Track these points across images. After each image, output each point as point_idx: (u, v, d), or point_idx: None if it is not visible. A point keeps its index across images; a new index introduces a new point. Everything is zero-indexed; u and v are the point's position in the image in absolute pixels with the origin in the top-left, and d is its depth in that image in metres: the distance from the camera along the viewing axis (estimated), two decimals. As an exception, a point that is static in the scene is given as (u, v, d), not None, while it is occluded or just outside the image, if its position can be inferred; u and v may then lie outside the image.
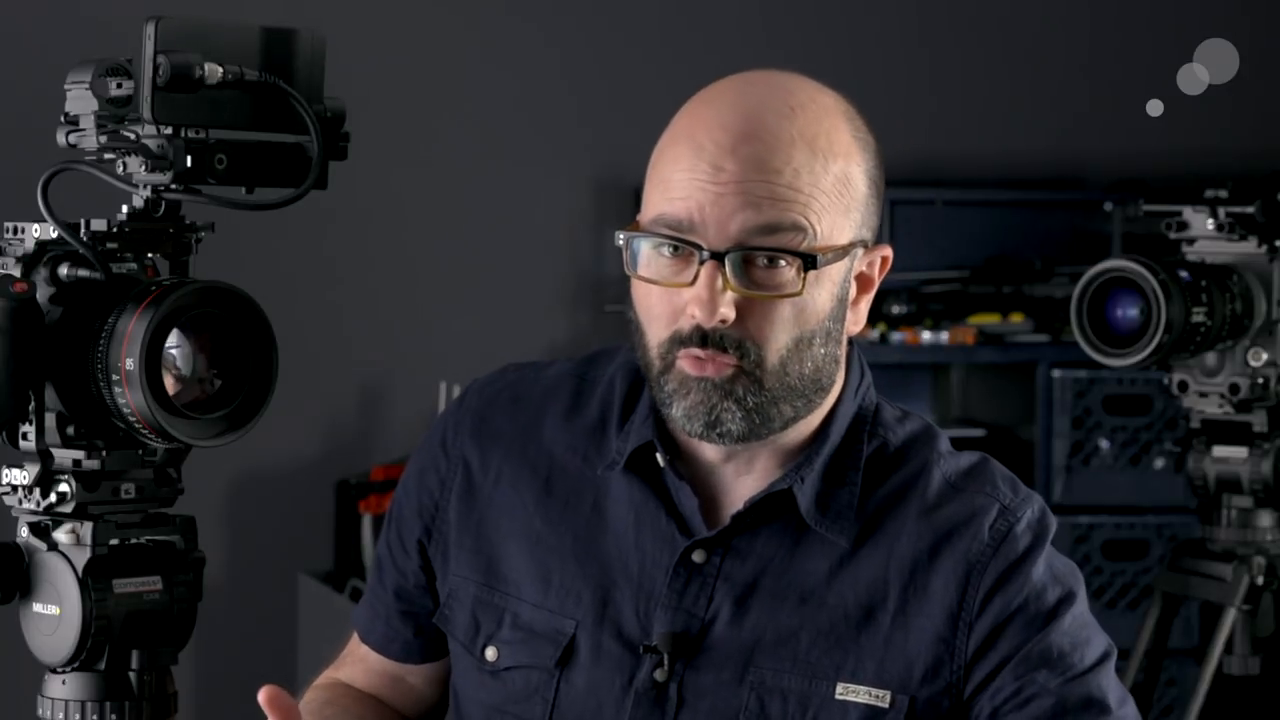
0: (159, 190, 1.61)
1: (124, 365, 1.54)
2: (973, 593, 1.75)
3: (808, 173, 1.72)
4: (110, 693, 1.63)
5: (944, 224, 4.65)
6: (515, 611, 1.83)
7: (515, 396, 1.89)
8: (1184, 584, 3.36)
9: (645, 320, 1.75)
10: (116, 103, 1.60)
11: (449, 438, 1.89)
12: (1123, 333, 3.16)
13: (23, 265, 1.60)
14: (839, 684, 1.74)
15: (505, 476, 1.86)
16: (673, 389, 1.73)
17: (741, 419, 1.72)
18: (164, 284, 1.58)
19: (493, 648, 1.83)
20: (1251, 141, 4.79)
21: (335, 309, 4.47)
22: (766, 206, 1.69)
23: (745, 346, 1.70)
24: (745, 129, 1.71)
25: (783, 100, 1.75)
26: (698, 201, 1.69)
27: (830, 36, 4.70)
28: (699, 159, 1.70)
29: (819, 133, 1.75)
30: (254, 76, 1.60)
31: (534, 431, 1.87)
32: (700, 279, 1.69)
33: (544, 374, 1.91)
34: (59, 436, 1.61)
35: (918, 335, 4.43)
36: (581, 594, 1.80)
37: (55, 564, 1.62)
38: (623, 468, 1.81)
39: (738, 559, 1.78)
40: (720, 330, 1.69)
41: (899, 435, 1.84)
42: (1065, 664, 1.74)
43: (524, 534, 1.84)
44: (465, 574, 1.86)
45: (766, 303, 1.70)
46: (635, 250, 1.74)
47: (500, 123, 4.57)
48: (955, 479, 1.80)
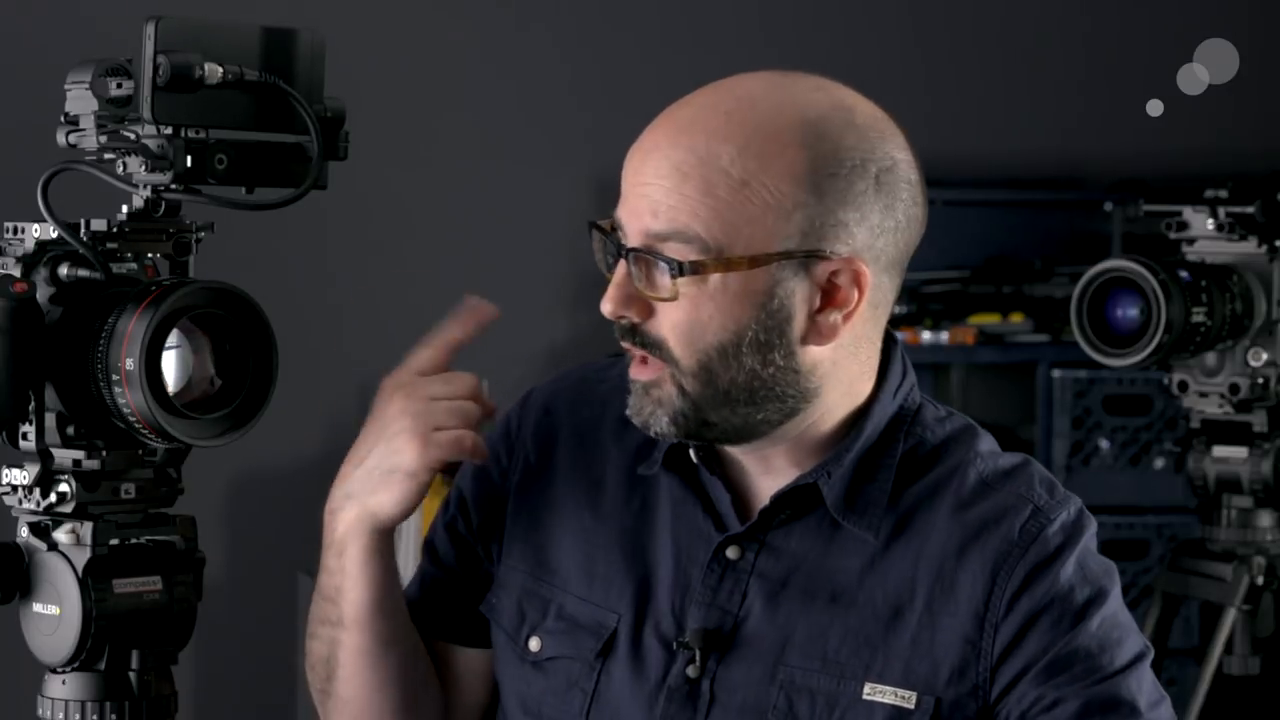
0: (159, 190, 1.61)
1: (124, 365, 1.54)
2: (999, 593, 1.73)
3: (716, 178, 1.70)
4: (110, 693, 1.63)
5: (944, 224, 4.62)
6: (561, 603, 1.84)
7: (579, 395, 1.91)
8: (1184, 584, 3.36)
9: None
10: (116, 103, 1.60)
11: (513, 430, 1.91)
12: (1123, 333, 3.16)
13: (23, 265, 1.60)
14: (866, 684, 1.73)
15: (560, 472, 1.88)
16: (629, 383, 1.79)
17: (668, 422, 1.74)
18: (164, 284, 1.58)
19: (536, 638, 1.84)
20: (1251, 141, 4.79)
21: (335, 309, 4.47)
22: (661, 212, 1.70)
23: (663, 347, 1.73)
24: (671, 133, 1.73)
25: (725, 103, 1.73)
26: (624, 200, 1.74)
27: (830, 36, 4.70)
28: (631, 158, 1.75)
29: (749, 139, 1.70)
30: (254, 76, 1.60)
31: (593, 431, 1.89)
32: (615, 272, 1.74)
33: (608, 374, 1.92)
34: (59, 436, 1.61)
35: (918, 335, 4.43)
36: (624, 589, 1.82)
37: (55, 564, 1.62)
38: (665, 467, 1.82)
39: (771, 555, 1.78)
40: (635, 326, 1.73)
41: (937, 434, 1.82)
42: (1093, 665, 1.72)
43: (575, 528, 1.86)
44: (515, 564, 1.87)
45: (664, 305, 1.72)
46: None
47: (500, 123, 4.57)
48: (991, 478, 1.79)
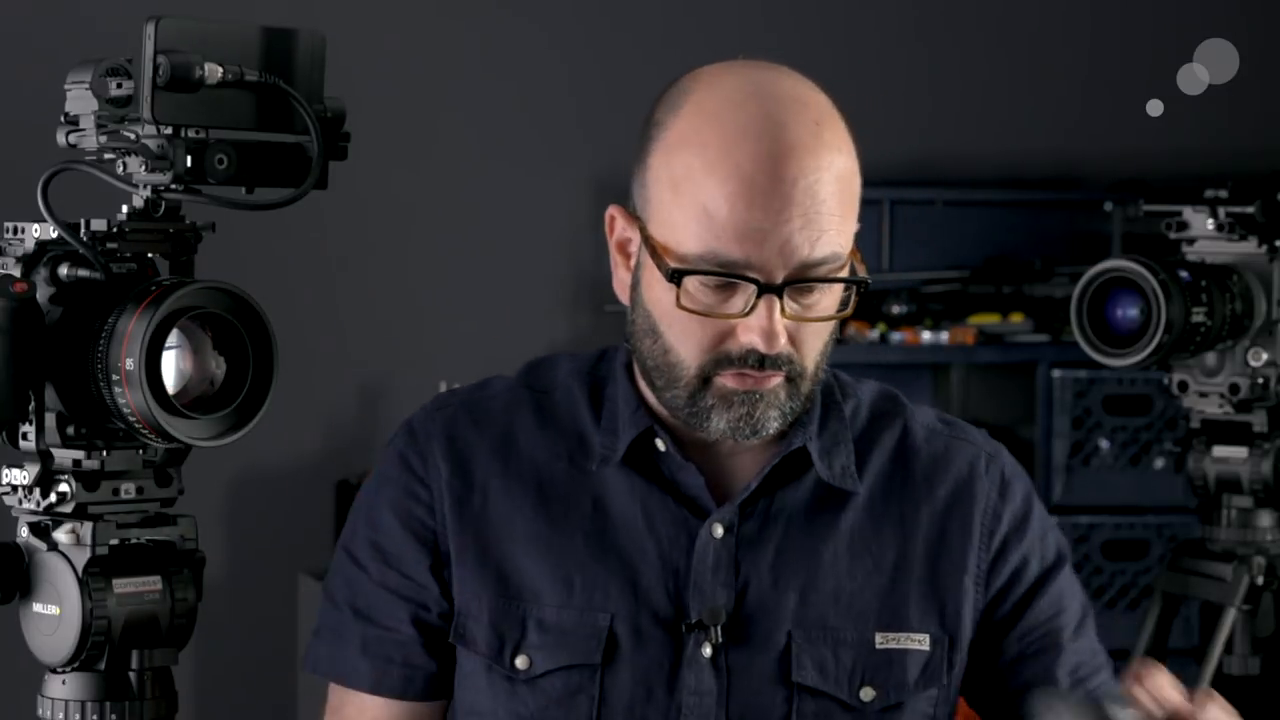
0: (159, 190, 1.61)
1: (124, 365, 1.54)
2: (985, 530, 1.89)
3: (843, 193, 1.78)
4: (110, 693, 1.63)
5: (944, 224, 4.65)
6: (539, 618, 1.83)
7: (474, 417, 1.91)
8: (1184, 584, 3.36)
9: (679, 343, 1.79)
10: (116, 103, 1.60)
11: (417, 466, 1.89)
12: (1123, 333, 3.16)
13: (23, 265, 1.60)
14: (877, 634, 1.84)
15: (494, 490, 1.87)
16: (713, 403, 1.79)
17: (779, 421, 1.80)
18: (164, 284, 1.58)
19: (523, 656, 1.83)
20: (1251, 141, 4.79)
21: (335, 309, 4.47)
22: (819, 240, 1.75)
23: (793, 361, 1.78)
24: (790, 158, 1.75)
25: (805, 115, 1.79)
26: (755, 239, 1.74)
27: (830, 36, 4.70)
28: (752, 194, 1.73)
29: (840, 143, 1.80)
30: (254, 76, 1.60)
31: (509, 444, 1.89)
32: (759, 310, 1.75)
33: (489, 392, 1.93)
34: (59, 436, 1.61)
35: (918, 335, 4.43)
36: (608, 588, 1.82)
37: (55, 564, 1.62)
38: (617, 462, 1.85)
39: (757, 527, 1.84)
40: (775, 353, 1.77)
41: (867, 394, 1.94)
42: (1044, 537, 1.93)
43: (531, 542, 1.85)
44: (474, 590, 1.85)
45: (814, 323, 1.78)
46: (680, 283, 1.76)
47: (500, 123, 4.57)
48: (934, 429, 1.95)
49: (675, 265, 1.76)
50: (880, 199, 4.59)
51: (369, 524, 1.89)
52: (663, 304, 1.79)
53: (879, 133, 4.85)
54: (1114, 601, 4.40)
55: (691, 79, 1.82)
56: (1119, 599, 4.40)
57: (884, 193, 4.59)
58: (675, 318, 1.78)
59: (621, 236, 1.85)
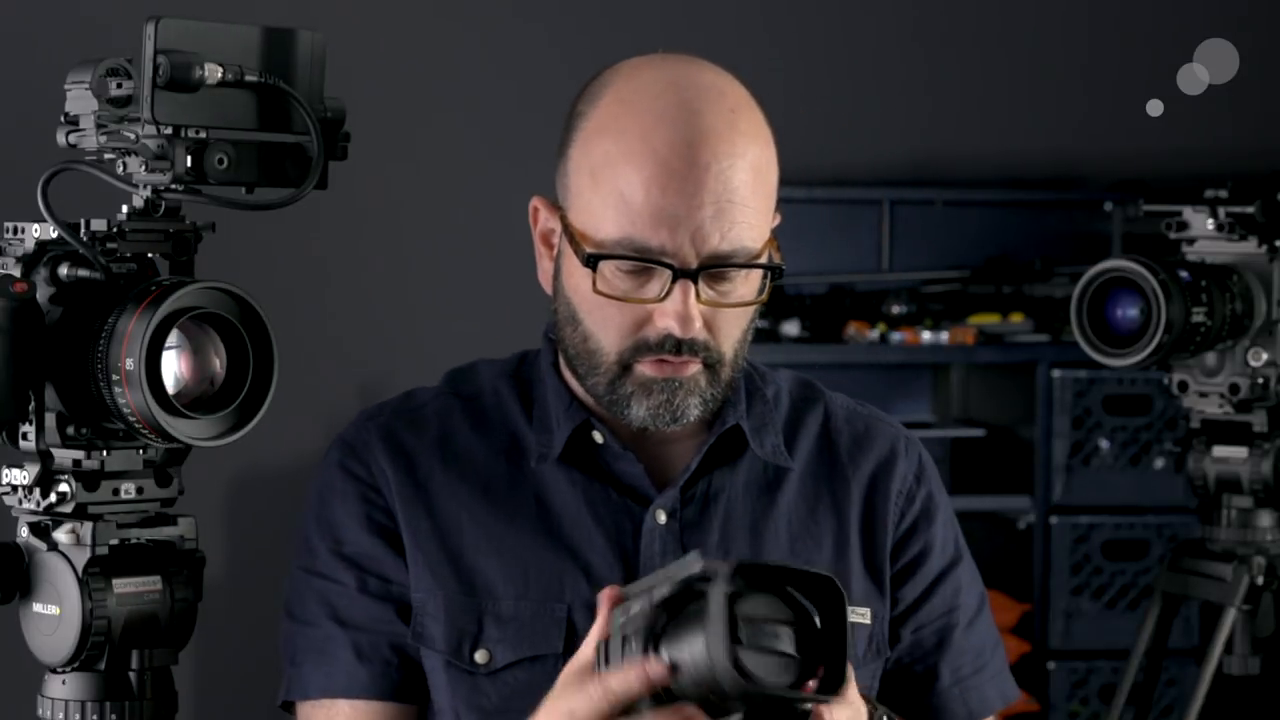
0: (159, 190, 1.61)
1: (124, 365, 1.54)
2: (903, 502, 1.95)
3: (758, 181, 1.81)
4: (110, 693, 1.63)
5: (944, 224, 4.64)
6: (496, 612, 1.85)
7: (410, 421, 1.93)
8: (1184, 584, 3.36)
9: (599, 330, 1.83)
10: (116, 103, 1.60)
11: (363, 473, 1.90)
12: (1123, 333, 3.16)
13: (23, 265, 1.60)
14: None
15: (439, 489, 1.89)
16: (631, 391, 1.83)
17: (700, 408, 1.84)
18: (164, 284, 1.58)
19: (483, 650, 1.85)
20: (1251, 141, 4.79)
21: (335, 309, 4.47)
22: (731, 230, 1.79)
23: (710, 348, 1.82)
24: (703, 145, 1.78)
25: (721, 104, 1.81)
26: (669, 224, 1.77)
27: (830, 36, 4.70)
28: (667, 180, 1.77)
29: (756, 132, 1.83)
30: (254, 76, 1.61)
31: (448, 446, 1.91)
32: (674, 295, 1.78)
33: (418, 401, 1.96)
34: (59, 436, 1.61)
35: (918, 335, 4.43)
36: (562, 578, 1.85)
37: (55, 564, 1.62)
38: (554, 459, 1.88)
39: (698, 510, 1.88)
40: (691, 338, 1.80)
41: (785, 381, 2.00)
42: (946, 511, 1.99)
43: (482, 539, 1.87)
44: (429, 588, 1.87)
45: (729, 309, 1.82)
46: (596, 267, 1.80)
47: (500, 123, 4.57)
48: (852, 411, 2.00)
49: (591, 250, 1.79)
50: (880, 199, 4.59)
51: (330, 541, 1.89)
52: (581, 290, 1.82)
53: (879, 133, 4.88)
54: (1114, 601, 4.40)
55: (612, 71, 1.86)
56: (1119, 599, 4.40)
57: (884, 193, 4.59)
58: (594, 304, 1.82)
59: (545, 227, 1.90)
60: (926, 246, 4.61)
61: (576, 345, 1.85)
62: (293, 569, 1.93)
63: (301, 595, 1.90)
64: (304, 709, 1.90)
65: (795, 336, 4.38)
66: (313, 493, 1.93)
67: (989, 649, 1.97)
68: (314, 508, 1.92)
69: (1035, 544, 4.39)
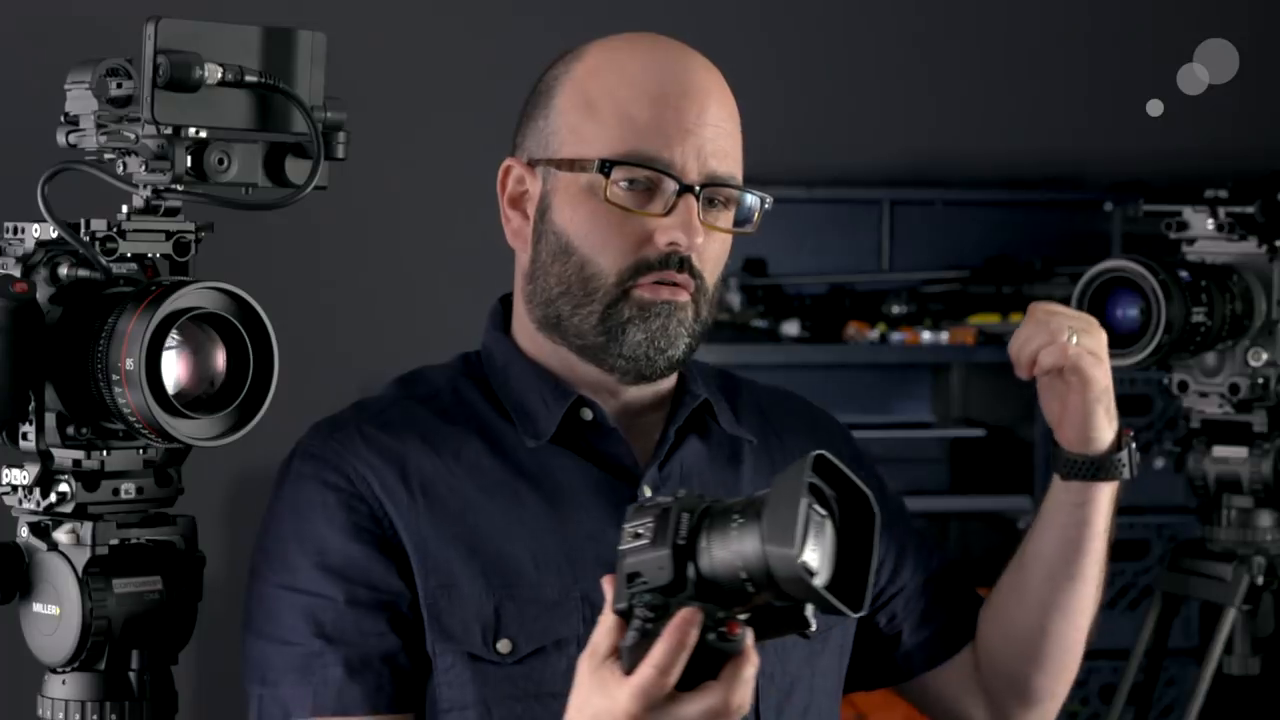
0: (159, 190, 1.61)
1: (124, 365, 1.54)
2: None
3: (738, 135, 1.91)
4: (110, 693, 1.63)
5: (944, 224, 4.64)
6: (515, 599, 1.84)
7: (382, 424, 1.91)
8: (1184, 584, 3.36)
9: (597, 253, 1.86)
10: (116, 103, 1.60)
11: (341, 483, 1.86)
12: (1123, 333, 3.16)
13: (23, 265, 1.60)
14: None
15: (432, 486, 1.87)
16: (629, 316, 1.86)
17: (685, 346, 1.89)
18: (164, 284, 1.58)
19: (505, 640, 1.83)
20: (1251, 141, 4.79)
21: (334, 309, 4.47)
22: (728, 157, 1.88)
23: (701, 277, 1.87)
24: (695, 78, 1.90)
25: (701, 58, 1.94)
26: (675, 140, 1.85)
27: (830, 36, 4.70)
28: (667, 100, 1.86)
29: (725, 86, 1.93)
30: (254, 76, 1.61)
31: (433, 442, 1.89)
32: (679, 208, 1.84)
33: (378, 407, 1.94)
34: (59, 436, 1.61)
35: (918, 335, 4.43)
36: (573, 560, 1.85)
37: (55, 564, 1.62)
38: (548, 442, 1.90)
39: (675, 484, 1.91)
40: (693, 258, 1.86)
41: (705, 367, 2.05)
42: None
43: (488, 528, 1.86)
44: (440, 584, 1.84)
45: (714, 237, 1.87)
46: (588, 181, 1.85)
47: (500, 123, 4.57)
48: (771, 387, 2.10)
49: (603, 158, 1.85)
50: (880, 199, 4.59)
51: (313, 554, 1.84)
52: (579, 217, 1.86)
53: (879, 133, 4.87)
54: (1114, 601, 4.40)
55: (581, 46, 2.00)
56: (1119, 599, 4.40)
57: (884, 193, 4.59)
58: (592, 226, 1.85)
59: (515, 190, 1.94)
60: (926, 246, 4.61)
61: (569, 278, 1.87)
62: (260, 587, 1.87)
63: (277, 613, 1.84)
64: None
65: (795, 336, 4.38)
66: (282, 510, 1.88)
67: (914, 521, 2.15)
68: (288, 523, 1.87)
69: (1035, 544, 4.38)
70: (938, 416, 4.69)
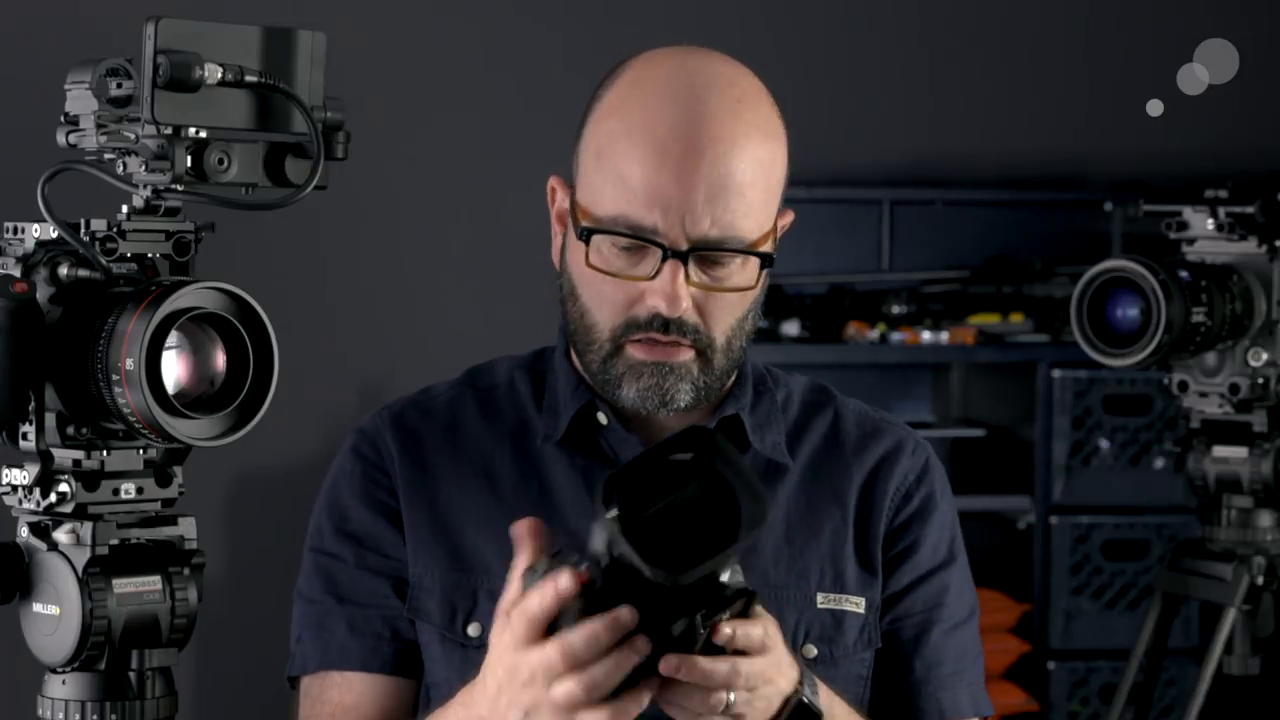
0: (159, 190, 1.61)
1: (124, 365, 1.54)
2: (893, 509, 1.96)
3: (759, 169, 1.84)
4: (110, 693, 1.63)
5: (944, 224, 4.64)
6: (490, 588, 1.88)
7: (423, 412, 1.99)
8: (1184, 584, 3.36)
9: (594, 305, 1.87)
10: (116, 103, 1.60)
11: (370, 454, 1.97)
12: (1123, 333, 3.16)
13: (23, 265, 1.60)
14: (819, 593, 1.91)
15: (444, 474, 1.94)
16: (622, 372, 1.86)
17: (691, 395, 1.87)
18: (164, 284, 1.58)
19: (475, 623, 1.89)
20: (1251, 141, 4.79)
21: (334, 309, 4.47)
22: (727, 211, 1.82)
23: (700, 332, 1.85)
24: (703, 129, 1.82)
25: (728, 93, 1.85)
26: (662, 205, 1.81)
27: (830, 36, 4.70)
28: (663, 161, 1.81)
29: (762, 124, 1.86)
30: (254, 76, 1.60)
31: (457, 435, 1.96)
32: (663, 274, 1.82)
33: (432, 394, 2.01)
34: (59, 436, 1.61)
35: (918, 335, 4.43)
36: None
37: (55, 564, 1.62)
38: (557, 443, 1.92)
39: None
40: (680, 319, 1.83)
41: (798, 385, 2.02)
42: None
43: (481, 520, 1.91)
44: (426, 564, 1.92)
45: (720, 294, 1.84)
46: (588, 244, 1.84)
47: (500, 123, 4.57)
48: (864, 412, 2.02)
49: (586, 225, 1.84)
50: (880, 199, 4.59)
51: (336, 519, 1.96)
52: (579, 266, 1.86)
53: (879, 133, 4.87)
54: (1114, 601, 4.40)
55: (634, 59, 1.91)
56: (1119, 599, 4.40)
57: (884, 193, 4.59)
58: (590, 279, 1.86)
59: (560, 207, 1.93)
60: (926, 246, 4.61)
61: (575, 320, 1.90)
62: (305, 550, 1.99)
63: (308, 574, 1.96)
64: (304, 682, 1.95)
65: (795, 336, 4.38)
66: (328, 478, 2.00)
67: (969, 659, 1.98)
68: (327, 490, 1.98)
69: (1035, 544, 4.39)
70: (938, 416, 4.69)
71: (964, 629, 1.98)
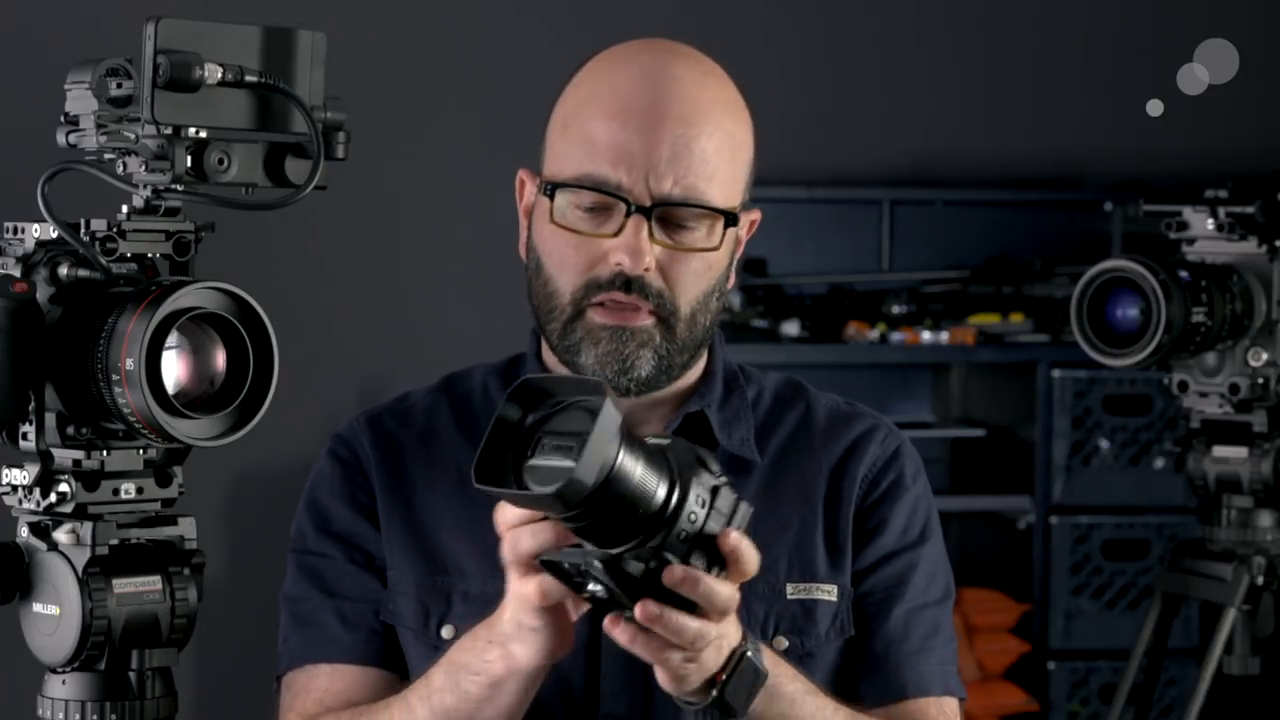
0: (159, 190, 1.61)
1: (124, 365, 1.54)
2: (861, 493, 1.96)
3: (725, 140, 1.86)
4: (110, 693, 1.63)
5: (944, 224, 4.64)
6: (464, 591, 1.91)
7: (399, 418, 2.01)
8: (1184, 584, 3.36)
9: (556, 268, 1.89)
10: (116, 103, 1.60)
11: (349, 458, 1.99)
12: (1123, 333, 3.16)
13: (23, 265, 1.60)
14: (788, 584, 1.91)
15: (419, 479, 1.96)
16: (581, 336, 1.88)
17: (653, 365, 1.87)
18: (164, 284, 1.58)
19: (449, 626, 1.91)
20: (1251, 141, 4.79)
21: (334, 309, 4.47)
22: (689, 172, 1.84)
23: (663, 296, 1.86)
24: (668, 92, 1.85)
25: (696, 66, 1.90)
26: (626, 161, 1.84)
27: (830, 36, 4.70)
28: (627, 118, 1.84)
29: (730, 101, 1.89)
30: (254, 76, 1.60)
31: (432, 440, 1.98)
32: (627, 229, 1.84)
33: (409, 401, 2.04)
34: (59, 436, 1.61)
35: (918, 335, 4.43)
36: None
37: (55, 564, 1.62)
38: None
39: None
40: (643, 278, 1.84)
41: (771, 381, 2.02)
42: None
43: (454, 525, 1.93)
44: (401, 568, 1.94)
45: (684, 256, 1.86)
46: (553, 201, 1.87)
47: (500, 123, 4.57)
48: (836, 405, 2.02)
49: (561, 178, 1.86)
50: (880, 199, 4.59)
51: (319, 521, 1.98)
52: (544, 234, 1.89)
53: (879, 133, 4.87)
54: (1114, 601, 4.40)
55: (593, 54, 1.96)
56: (1119, 599, 4.40)
57: (884, 193, 4.59)
58: (553, 244, 1.88)
59: (527, 201, 1.96)
60: (926, 246, 4.61)
61: (539, 294, 1.92)
62: (289, 555, 2.02)
63: (293, 576, 1.99)
64: (287, 677, 1.97)
65: (795, 336, 4.38)
66: (308, 483, 2.02)
67: (938, 639, 1.96)
68: (306, 495, 2.01)
69: (1035, 544, 4.39)
70: (938, 416, 4.69)
71: (932, 609, 1.96)
